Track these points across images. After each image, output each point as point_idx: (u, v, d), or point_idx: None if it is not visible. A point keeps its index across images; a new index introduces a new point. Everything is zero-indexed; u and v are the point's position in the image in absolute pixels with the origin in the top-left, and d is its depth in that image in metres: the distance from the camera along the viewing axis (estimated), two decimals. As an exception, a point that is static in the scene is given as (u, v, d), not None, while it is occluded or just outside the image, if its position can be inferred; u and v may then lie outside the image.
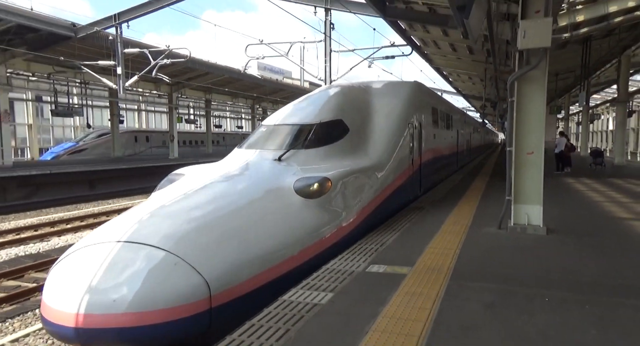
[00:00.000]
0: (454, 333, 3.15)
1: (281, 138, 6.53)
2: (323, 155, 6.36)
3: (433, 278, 4.33)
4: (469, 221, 7.08)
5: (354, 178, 6.17)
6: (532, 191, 6.27)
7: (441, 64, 22.64)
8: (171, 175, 6.26)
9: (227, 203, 4.85)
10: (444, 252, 5.26)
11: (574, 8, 12.35)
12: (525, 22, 5.86)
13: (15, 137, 27.08)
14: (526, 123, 6.20)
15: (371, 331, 3.16)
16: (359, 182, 6.32)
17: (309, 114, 6.96)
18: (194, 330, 3.56)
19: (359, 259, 4.93)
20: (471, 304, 3.67)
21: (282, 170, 5.80)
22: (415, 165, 9.05)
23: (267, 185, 5.43)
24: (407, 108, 8.59)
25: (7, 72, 19.99)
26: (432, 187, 11.32)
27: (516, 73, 6.19)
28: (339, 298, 3.79)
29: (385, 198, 7.13)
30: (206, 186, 5.28)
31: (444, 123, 13.38)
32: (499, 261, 4.94)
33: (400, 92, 8.84)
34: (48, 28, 17.03)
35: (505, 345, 2.98)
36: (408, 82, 9.83)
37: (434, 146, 11.24)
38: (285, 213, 5.02)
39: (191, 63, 21.88)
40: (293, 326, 3.24)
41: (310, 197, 5.26)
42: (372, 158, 7.06)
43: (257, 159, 6.18)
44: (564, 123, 37.86)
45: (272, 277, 4.31)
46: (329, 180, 5.45)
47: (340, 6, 15.45)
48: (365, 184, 6.51)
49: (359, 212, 6.13)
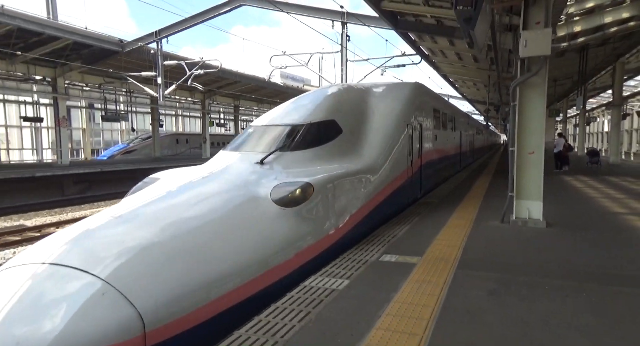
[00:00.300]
0: (460, 317, 3.11)
1: (268, 140, 5.59)
2: (311, 157, 5.38)
3: (441, 267, 4.27)
4: (474, 215, 6.96)
5: (343, 182, 5.21)
6: (532, 188, 6.14)
7: (448, 72, 22.35)
8: (147, 179, 5.34)
9: (185, 217, 3.83)
10: (451, 243, 5.19)
11: (572, 19, 12.03)
12: (527, 32, 5.74)
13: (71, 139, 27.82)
14: (527, 125, 6.08)
15: (384, 315, 3.14)
16: (349, 186, 5.35)
17: (301, 114, 5.99)
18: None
19: (372, 249, 4.90)
20: (476, 291, 3.61)
21: (262, 174, 4.87)
22: (415, 167, 8.10)
23: (240, 192, 4.43)
24: (407, 109, 7.62)
25: (65, 83, 20.57)
26: (434, 188, 10.43)
27: (518, 79, 6.06)
28: (355, 284, 3.78)
29: (381, 201, 6.20)
30: (170, 195, 4.31)
31: (447, 125, 12.23)
32: (502, 252, 4.84)
33: (399, 93, 7.83)
34: (99, 44, 17.46)
35: (508, 329, 2.92)
36: (408, 83, 8.86)
37: (436, 147, 10.24)
38: (255, 227, 4.02)
39: (222, 73, 22.09)
40: (313, 309, 3.24)
41: (288, 205, 4.31)
42: (366, 160, 6.11)
43: (237, 163, 5.22)
44: (562, 125, 36.98)
45: (228, 305, 3.31)
46: (311, 186, 4.52)
47: (356, 20, 15.35)
48: (357, 188, 5.56)
49: (348, 219, 5.18)
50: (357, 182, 5.59)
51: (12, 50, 15.97)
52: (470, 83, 25.68)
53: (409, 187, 7.64)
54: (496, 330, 2.90)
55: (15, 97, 23.01)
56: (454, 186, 10.97)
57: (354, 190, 5.45)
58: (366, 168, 5.93)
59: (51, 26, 15.82)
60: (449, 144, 12.57)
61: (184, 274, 3.16)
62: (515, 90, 6.13)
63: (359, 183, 5.63)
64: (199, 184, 4.62)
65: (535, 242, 5.30)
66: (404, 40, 14.34)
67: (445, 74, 23.05)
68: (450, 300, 3.43)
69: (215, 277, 3.31)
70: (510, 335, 2.84)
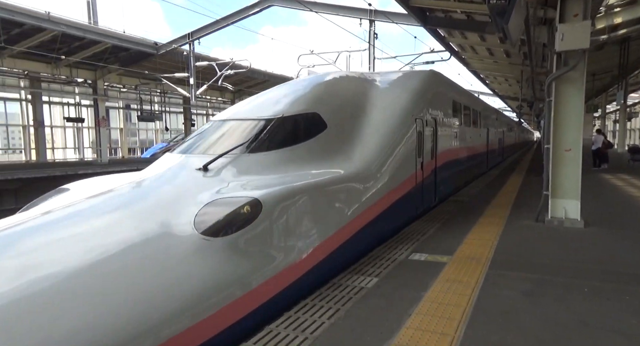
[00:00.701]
0: (493, 318, 3.02)
1: (224, 139, 4.35)
2: (277, 160, 4.06)
3: (472, 267, 4.16)
4: (506, 214, 6.75)
5: (315, 194, 3.87)
6: (569, 186, 5.90)
7: (478, 68, 21.78)
8: (54, 191, 4.19)
9: (63, 254, 2.74)
10: (483, 242, 5.05)
11: (612, 11, 11.42)
12: (564, 25, 5.50)
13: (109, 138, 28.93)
14: (564, 121, 5.84)
15: (414, 314, 3.09)
16: (325, 200, 4.03)
17: (275, 106, 4.68)
18: None
19: (401, 247, 4.83)
20: (510, 292, 3.50)
21: (201, 186, 3.64)
22: (428, 170, 6.75)
23: (158, 215, 3.24)
24: (416, 101, 6.26)
25: (104, 85, 21.46)
26: (455, 192, 9.05)
27: (554, 74, 5.82)
28: (384, 282, 3.74)
29: (375, 216, 4.86)
30: (57, 221, 3.17)
31: (470, 120, 10.55)
32: (537, 252, 4.67)
33: (408, 82, 6.46)
34: (136, 47, 18.12)
35: (544, 331, 2.81)
36: (421, 71, 7.47)
37: (455, 145, 8.77)
38: (160, 268, 2.80)
39: (251, 73, 22.44)
40: (342, 306, 3.23)
41: (218, 233, 3.05)
42: (357, 163, 4.80)
43: (176, 169, 4.03)
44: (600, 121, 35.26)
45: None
46: (258, 203, 3.23)
47: (384, 17, 15.18)
48: (340, 201, 4.26)
49: (320, 246, 3.82)
50: (341, 192, 4.32)
51: (57, 54, 16.80)
52: (502, 79, 24.93)
53: (417, 194, 6.31)
54: (531, 332, 2.80)
55: (59, 99, 24.15)
56: (485, 184, 10.67)
57: (333, 204, 4.15)
58: (356, 173, 4.66)
59: (92, 31, 16.56)
60: (472, 142, 10.88)
61: (44, 337, 2.23)
62: (551, 85, 5.90)
63: (343, 195, 4.36)
64: (114, 202, 3.48)
65: (572, 242, 5.09)
66: (432, 37, 14.06)
67: (475, 70, 22.47)
68: (483, 300, 3.34)
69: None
70: (547, 337, 2.73)
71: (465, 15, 11.66)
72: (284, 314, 3.12)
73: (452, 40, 15.50)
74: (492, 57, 17.83)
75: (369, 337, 2.75)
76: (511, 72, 20.88)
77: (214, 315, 2.81)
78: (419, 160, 6.36)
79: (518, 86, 22.43)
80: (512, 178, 12.16)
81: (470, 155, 10.64)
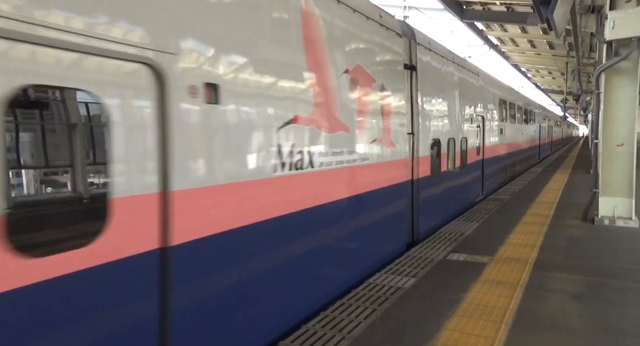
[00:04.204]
0: (539, 321, 2.86)
1: None
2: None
3: (515, 267, 3.97)
4: (551, 212, 6.42)
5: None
6: (622, 183, 5.52)
7: (519, 61, 20.92)
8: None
9: None
10: (525, 242, 4.81)
11: (669, -6, 10.58)
12: (615, 12, 5.15)
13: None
14: (615, 115, 5.47)
15: (454, 315, 2.98)
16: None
17: None
18: None
19: (439, 247, 4.69)
20: (557, 294, 3.31)
21: None
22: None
23: None
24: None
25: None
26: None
27: (604, 65, 5.46)
28: (422, 283, 3.64)
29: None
30: None
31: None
32: (586, 253, 4.39)
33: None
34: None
35: (598, 336, 2.63)
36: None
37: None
38: None
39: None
40: (379, 306, 3.17)
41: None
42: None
43: None
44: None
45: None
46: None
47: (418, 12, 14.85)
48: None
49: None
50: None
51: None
52: (545, 71, 23.81)
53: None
54: (584, 337, 2.63)
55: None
56: (528, 180, 10.22)
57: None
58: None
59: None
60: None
61: None
62: (600, 76, 5.55)
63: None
64: None
65: (625, 242, 4.75)
66: (470, 30, 13.62)
67: (516, 64, 21.58)
68: (527, 302, 3.17)
69: None
70: (601, 343, 2.56)
71: (505, 6, 11.22)
72: (321, 313, 3.11)
73: (491, 33, 14.99)
74: (535, 49, 17.09)
75: (408, 338, 2.68)
76: (555, 65, 19.93)
77: None
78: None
79: (562, 79, 21.33)
80: (557, 175, 11.57)
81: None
